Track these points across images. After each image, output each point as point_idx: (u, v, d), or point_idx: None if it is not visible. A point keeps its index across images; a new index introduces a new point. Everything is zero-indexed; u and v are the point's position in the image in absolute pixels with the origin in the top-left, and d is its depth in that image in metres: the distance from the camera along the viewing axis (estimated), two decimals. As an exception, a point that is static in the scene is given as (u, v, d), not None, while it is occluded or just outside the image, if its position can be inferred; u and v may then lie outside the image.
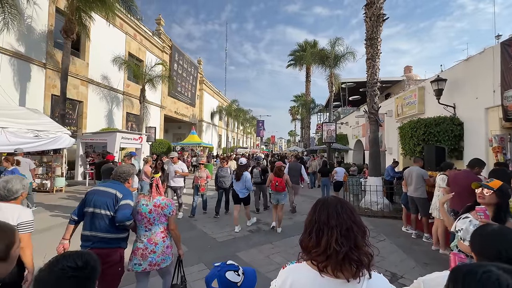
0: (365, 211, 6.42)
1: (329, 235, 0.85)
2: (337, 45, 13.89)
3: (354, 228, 0.87)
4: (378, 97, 6.85)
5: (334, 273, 0.84)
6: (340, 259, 0.82)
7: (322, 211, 0.92)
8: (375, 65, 6.79)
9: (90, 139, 11.26)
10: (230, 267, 1.05)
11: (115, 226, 2.12)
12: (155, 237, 2.21)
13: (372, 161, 6.87)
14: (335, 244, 0.83)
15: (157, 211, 2.23)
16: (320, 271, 0.84)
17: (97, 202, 2.14)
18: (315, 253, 0.87)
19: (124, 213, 2.09)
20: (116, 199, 2.16)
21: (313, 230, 0.90)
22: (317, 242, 0.87)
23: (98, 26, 13.75)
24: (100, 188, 2.24)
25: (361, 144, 15.87)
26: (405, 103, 8.89)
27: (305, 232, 0.93)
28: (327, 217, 0.89)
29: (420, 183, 4.60)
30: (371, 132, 6.86)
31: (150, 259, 2.17)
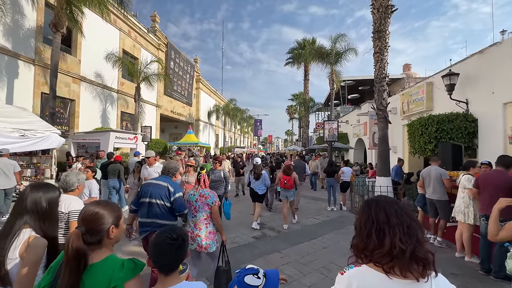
0: (374, 213, 6.09)
1: (391, 234, 0.82)
2: (338, 41, 13.54)
3: (414, 225, 0.85)
4: (387, 92, 6.49)
5: (403, 273, 0.81)
6: (407, 258, 0.80)
7: (378, 210, 0.88)
8: (383, 59, 6.43)
9: (82, 139, 10.73)
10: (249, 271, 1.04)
11: (169, 214, 2.52)
12: (199, 223, 2.56)
13: (381, 161, 6.52)
14: (400, 243, 0.81)
15: (202, 200, 2.60)
16: (387, 273, 0.82)
17: (152, 193, 2.50)
18: (378, 254, 0.83)
19: (181, 204, 2.56)
20: (169, 191, 2.53)
21: (372, 231, 0.86)
22: (379, 243, 0.83)
23: (90, 22, 13.21)
24: (153, 181, 2.63)
25: (362, 143, 15.58)
26: (412, 99, 8.57)
27: (359, 235, 0.90)
28: (386, 216, 0.86)
29: (440, 184, 4.23)
30: (380, 130, 6.50)
31: (197, 241, 2.53)
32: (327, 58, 13.90)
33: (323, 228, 5.16)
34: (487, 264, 3.24)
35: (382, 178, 6.40)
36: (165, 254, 1.09)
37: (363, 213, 0.93)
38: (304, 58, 24.50)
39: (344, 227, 5.23)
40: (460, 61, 6.63)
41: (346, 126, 18.26)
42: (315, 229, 5.09)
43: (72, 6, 9.98)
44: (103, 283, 0.99)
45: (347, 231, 4.94)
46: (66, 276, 0.96)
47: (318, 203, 7.64)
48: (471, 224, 3.50)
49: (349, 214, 6.41)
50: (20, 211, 1.31)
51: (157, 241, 1.11)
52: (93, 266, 1.03)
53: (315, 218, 5.92)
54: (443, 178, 4.20)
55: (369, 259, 0.87)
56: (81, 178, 2.20)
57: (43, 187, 1.41)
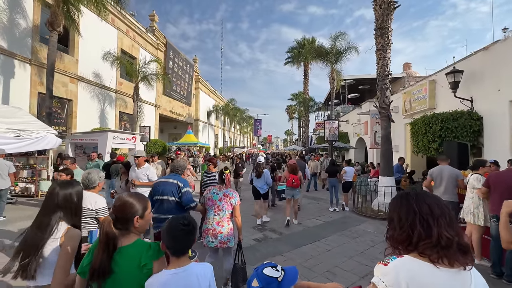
0: (378, 213, 5.95)
1: (437, 226, 0.84)
2: (338, 39, 13.41)
3: (453, 216, 0.88)
4: (389, 90, 6.37)
5: (450, 262, 0.82)
6: (455, 248, 0.82)
7: (419, 202, 0.89)
8: (386, 56, 6.31)
9: (80, 139, 10.58)
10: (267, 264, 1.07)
11: (180, 209, 2.70)
12: (222, 221, 2.68)
13: (384, 160, 6.39)
14: (447, 233, 0.83)
15: (226, 200, 2.72)
16: (435, 263, 0.82)
17: (164, 191, 2.69)
18: (425, 245, 0.84)
19: (188, 197, 2.73)
20: (178, 187, 2.72)
21: (416, 222, 0.86)
22: (426, 234, 0.84)
23: (88, 21, 13.09)
24: (164, 179, 2.82)
25: (363, 142, 15.47)
26: (414, 98, 8.45)
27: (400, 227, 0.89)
28: (429, 207, 0.87)
29: (453, 184, 4.04)
30: (383, 129, 6.38)
31: (219, 238, 2.65)
32: (327, 56, 13.76)
33: (326, 230, 5.03)
34: (498, 267, 3.11)
35: (385, 178, 6.27)
36: (177, 239, 1.20)
37: (402, 205, 0.92)
38: (303, 57, 24.42)
39: (347, 228, 5.10)
40: (464, 58, 6.51)
41: (346, 125, 18.14)
42: (317, 231, 4.95)
43: (69, 5, 9.82)
44: (134, 261, 1.17)
45: (350, 233, 4.81)
46: (98, 255, 1.14)
47: (319, 204, 7.51)
48: (481, 226, 3.38)
49: (352, 214, 6.28)
50: (54, 208, 1.45)
51: (170, 227, 1.21)
52: (124, 248, 1.20)
53: (317, 219, 5.79)
54: (459, 179, 4.02)
55: (410, 249, 0.87)
56: (101, 176, 2.38)
57: (70, 184, 1.56)
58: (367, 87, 24.24)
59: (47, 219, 1.41)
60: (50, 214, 1.43)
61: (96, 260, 1.14)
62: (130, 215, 1.24)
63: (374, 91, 25.24)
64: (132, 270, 1.16)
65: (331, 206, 6.66)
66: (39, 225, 1.40)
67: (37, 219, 1.44)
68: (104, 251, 1.14)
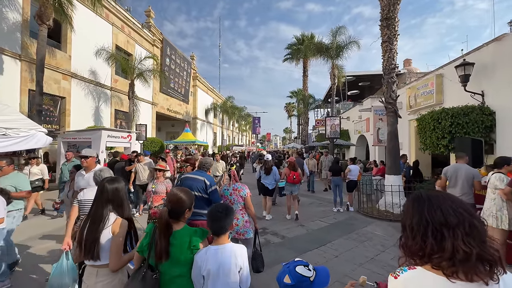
0: (385, 214, 5.65)
1: (452, 237, 0.73)
2: (338, 34, 13.04)
3: (475, 224, 0.75)
4: (396, 84, 6.04)
5: (468, 277, 0.72)
6: (473, 261, 0.71)
7: (432, 209, 0.78)
8: (392, 48, 5.97)
9: (73, 138, 10.18)
10: (299, 262, 1.08)
11: (205, 204, 2.74)
12: (236, 213, 2.78)
13: (391, 158, 6.08)
14: (464, 246, 0.72)
15: (236, 193, 2.96)
16: (449, 277, 0.73)
17: (192, 186, 2.72)
18: (438, 259, 0.74)
19: (217, 196, 2.84)
20: (205, 184, 2.79)
21: (427, 233, 0.76)
22: (438, 247, 0.74)
23: (81, 16, 12.68)
24: (191, 175, 2.92)
25: (364, 140, 15.18)
26: (419, 93, 8.13)
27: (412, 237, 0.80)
28: (443, 215, 0.76)
29: (469, 185, 3.74)
30: (389, 125, 6.06)
31: (236, 230, 2.85)
32: (328, 52, 13.39)
33: (332, 233, 4.72)
34: (525, 275, 2.82)
35: (392, 176, 5.97)
36: (215, 221, 1.49)
37: (413, 212, 0.83)
38: (303, 53, 24.05)
39: (354, 230, 4.80)
40: (474, 50, 6.18)
41: (346, 122, 17.82)
42: (322, 234, 4.64)
43: (60, -3, 9.40)
44: (186, 242, 1.44)
45: (358, 236, 4.50)
46: (160, 238, 1.41)
47: (323, 204, 7.20)
48: (505, 230, 3.08)
49: (357, 215, 5.97)
50: (105, 202, 1.67)
51: (211, 212, 1.54)
52: (176, 232, 1.48)
53: (322, 221, 5.48)
54: (476, 180, 3.72)
55: (424, 261, 0.79)
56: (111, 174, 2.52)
57: (116, 180, 1.78)
58: (367, 83, 23.92)
59: (101, 212, 1.65)
60: (102, 207, 1.66)
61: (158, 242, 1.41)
62: (183, 208, 1.56)
63: (374, 87, 24.94)
64: (184, 249, 1.45)
65: (335, 207, 6.35)
66: (94, 218, 1.64)
67: (92, 212, 1.68)
68: (164, 234, 1.43)
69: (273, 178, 5.73)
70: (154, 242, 1.44)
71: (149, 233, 1.51)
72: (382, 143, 10.15)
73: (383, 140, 10.14)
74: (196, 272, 1.43)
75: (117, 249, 1.61)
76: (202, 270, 1.40)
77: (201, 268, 1.40)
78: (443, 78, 7.22)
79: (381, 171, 9.96)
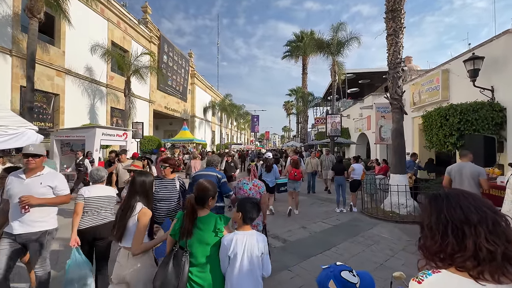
0: (390, 215, 5.41)
1: (474, 235, 0.69)
2: (339, 30, 12.75)
3: (499, 220, 0.72)
4: (402, 80, 5.78)
5: (495, 278, 0.67)
6: (499, 261, 0.67)
7: (451, 207, 0.75)
8: (398, 41, 5.70)
9: (66, 136, 9.88)
10: (343, 267, 1.03)
11: (219, 197, 2.97)
12: None
13: (396, 156, 5.82)
14: (487, 244, 0.68)
15: (255, 189, 3.06)
16: (476, 278, 0.69)
17: None
18: (460, 258, 0.71)
19: (227, 187, 3.17)
20: (218, 178, 3.05)
21: (447, 231, 0.73)
22: (459, 246, 0.71)
23: (75, 11, 12.33)
24: (204, 172, 3.15)
25: (365, 138, 14.94)
26: (424, 89, 7.88)
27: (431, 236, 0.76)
28: (463, 213, 0.72)
29: (475, 184, 3.54)
30: (394, 122, 5.80)
31: None
32: (328, 48, 13.10)
33: (336, 235, 4.47)
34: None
35: (397, 175, 5.71)
36: (248, 212, 1.73)
37: (431, 210, 0.79)
38: (302, 50, 23.75)
39: (359, 233, 4.55)
40: (483, 43, 5.93)
41: (347, 120, 17.57)
42: (326, 237, 4.39)
43: (51, -10, 9.05)
44: (211, 227, 1.66)
45: (364, 239, 4.25)
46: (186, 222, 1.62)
47: (325, 204, 6.95)
48: (527, 234, 2.83)
49: (361, 216, 5.73)
50: (134, 192, 1.92)
51: (244, 204, 1.77)
52: (201, 218, 1.69)
53: (324, 222, 5.23)
54: (481, 178, 3.52)
55: (447, 263, 0.74)
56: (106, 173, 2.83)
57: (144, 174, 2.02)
58: (368, 81, 23.68)
59: (130, 201, 1.87)
60: (132, 197, 1.89)
61: (184, 225, 1.60)
62: (207, 196, 1.72)
63: (374, 85, 24.67)
64: (209, 233, 1.62)
65: (338, 207, 6.10)
66: (124, 206, 1.87)
67: (124, 201, 1.92)
68: (190, 219, 1.61)
69: (274, 175, 5.86)
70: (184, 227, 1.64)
71: (180, 218, 1.70)
72: (384, 141, 9.92)
73: (385, 138, 9.92)
74: (223, 253, 1.61)
75: (139, 235, 1.80)
76: (229, 252, 1.58)
77: (228, 250, 1.58)
78: (449, 74, 6.97)
79: (383, 170, 9.74)
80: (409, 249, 3.77)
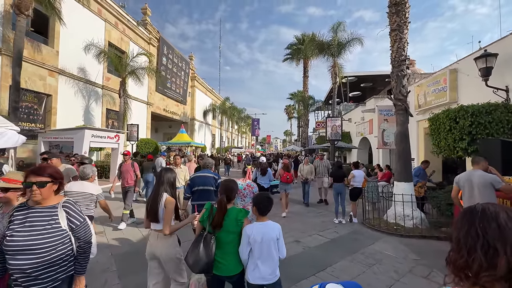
0: (394, 228, 4.86)
1: (509, 254, 0.63)
2: (339, 30, 12.33)
3: None
4: (407, 78, 5.30)
5: None
6: None
7: (485, 220, 0.69)
8: (402, 37, 5.24)
9: (54, 137, 9.50)
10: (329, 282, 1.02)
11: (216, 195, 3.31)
12: (247, 205, 3.26)
13: (401, 162, 5.30)
14: None
15: (249, 189, 3.42)
16: None
17: (205, 183, 3.37)
18: (487, 278, 0.64)
19: None
20: (215, 179, 3.46)
21: (475, 246, 0.67)
22: (488, 263, 0.64)
23: (71, 11, 12.09)
24: (201, 174, 3.48)
25: (367, 142, 14.41)
26: (430, 91, 7.38)
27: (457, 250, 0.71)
28: (499, 229, 0.66)
29: (489, 194, 3.05)
30: (399, 125, 5.30)
31: None
32: (329, 49, 12.67)
33: (332, 251, 3.94)
34: None
35: (402, 183, 5.18)
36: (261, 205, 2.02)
37: (462, 223, 0.73)
38: (303, 54, 23.42)
39: (359, 249, 4.01)
40: (496, 41, 5.45)
41: (348, 124, 17.08)
42: (321, 254, 3.85)
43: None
44: (234, 218, 1.98)
45: (364, 257, 3.71)
46: (218, 216, 1.94)
47: (322, 214, 6.41)
48: None
49: (362, 228, 5.18)
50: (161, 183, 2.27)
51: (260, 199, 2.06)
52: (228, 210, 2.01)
53: (320, 235, 4.70)
54: (497, 187, 3.03)
55: (472, 281, 0.67)
56: (94, 170, 3.31)
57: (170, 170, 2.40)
58: (370, 84, 23.22)
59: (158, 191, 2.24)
60: (159, 187, 2.26)
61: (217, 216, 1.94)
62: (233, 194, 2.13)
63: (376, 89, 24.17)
64: (232, 222, 1.97)
65: (337, 218, 5.56)
66: (154, 195, 2.24)
67: (153, 191, 2.30)
68: (222, 211, 1.96)
69: (268, 178, 6.23)
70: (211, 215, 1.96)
71: (208, 208, 2.03)
72: (387, 146, 9.40)
73: (388, 142, 9.39)
74: (245, 240, 1.92)
75: (167, 218, 2.13)
76: (250, 239, 1.89)
77: (249, 237, 1.90)
78: (458, 74, 6.48)
79: (386, 176, 9.19)
80: (417, 271, 3.24)
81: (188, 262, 1.90)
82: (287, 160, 7.16)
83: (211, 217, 1.94)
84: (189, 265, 1.91)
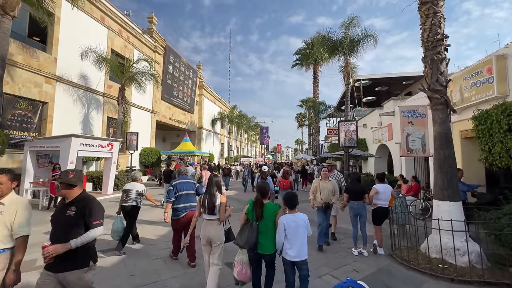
0: (440, 267, 3.46)
1: None
2: (352, 26, 11.18)
3: None
4: (446, 63, 4.02)
5: None
6: None
7: None
8: (437, 11, 4.01)
9: (40, 146, 8.80)
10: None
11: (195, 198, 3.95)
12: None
13: (441, 174, 3.88)
14: None
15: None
16: None
17: (187, 188, 3.96)
18: None
19: (201, 190, 4.02)
20: (195, 184, 4.12)
21: None
22: None
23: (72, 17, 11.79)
24: (183, 180, 4.01)
25: (386, 150, 12.86)
26: (468, 84, 6.00)
27: None
28: None
29: None
30: (438, 124, 3.95)
31: None
32: (341, 46, 11.49)
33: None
34: None
35: (446, 203, 3.79)
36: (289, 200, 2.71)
37: None
38: (313, 58, 22.41)
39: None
40: None
41: (363, 130, 15.58)
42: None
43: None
44: (271, 210, 2.71)
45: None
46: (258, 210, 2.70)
47: (337, 241, 4.92)
48: None
49: (392, 264, 3.79)
50: (213, 185, 3.05)
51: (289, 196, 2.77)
52: (266, 204, 2.73)
53: (334, 277, 3.38)
54: None
55: None
56: (141, 174, 4.65)
57: (216, 176, 3.21)
58: (385, 88, 21.65)
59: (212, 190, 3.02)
60: (212, 188, 3.04)
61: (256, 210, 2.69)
62: (266, 191, 2.82)
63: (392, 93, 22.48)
64: (270, 214, 2.68)
65: (356, 247, 4.18)
66: (210, 193, 3.01)
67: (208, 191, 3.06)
68: (260, 206, 2.70)
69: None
70: (254, 209, 2.72)
71: (251, 204, 2.80)
72: (413, 153, 7.95)
73: (414, 149, 7.95)
74: (281, 227, 2.58)
75: (223, 210, 2.99)
76: (286, 226, 2.57)
77: (284, 226, 2.57)
78: (507, 61, 5.10)
79: (413, 189, 7.70)
80: None
81: (239, 242, 2.67)
82: (287, 168, 7.95)
83: (254, 210, 2.71)
84: (239, 245, 2.65)
